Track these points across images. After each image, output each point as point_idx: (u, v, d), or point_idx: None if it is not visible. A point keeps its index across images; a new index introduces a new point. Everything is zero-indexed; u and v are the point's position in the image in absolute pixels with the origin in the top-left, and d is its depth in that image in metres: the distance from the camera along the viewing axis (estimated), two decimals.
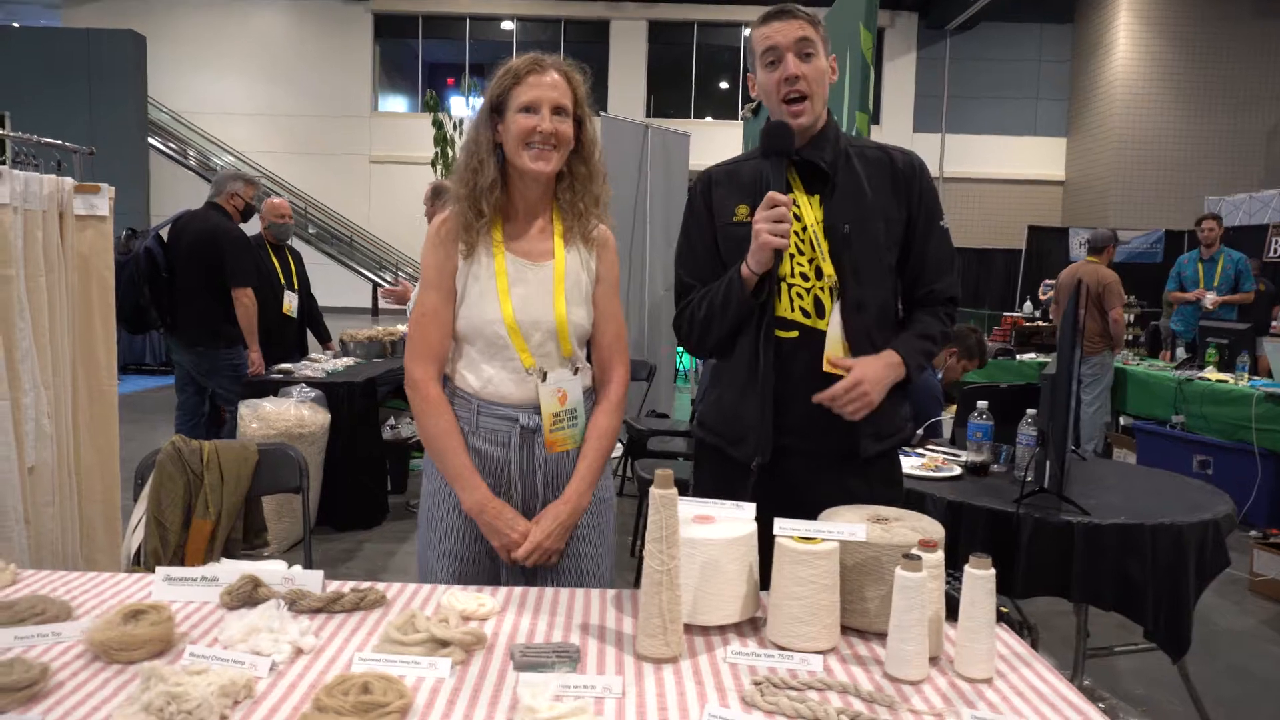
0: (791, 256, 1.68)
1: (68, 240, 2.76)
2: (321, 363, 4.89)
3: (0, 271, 2.42)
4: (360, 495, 4.53)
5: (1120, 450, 5.61)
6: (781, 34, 1.66)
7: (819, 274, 1.68)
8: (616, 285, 1.80)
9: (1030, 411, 2.43)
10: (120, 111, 14.76)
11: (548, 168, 1.64)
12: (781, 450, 1.69)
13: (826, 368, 1.66)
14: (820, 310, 1.68)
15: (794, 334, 1.69)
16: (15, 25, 18.08)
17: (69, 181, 2.76)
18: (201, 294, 4.45)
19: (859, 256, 1.68)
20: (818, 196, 1.69)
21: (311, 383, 4.36)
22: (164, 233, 4.55)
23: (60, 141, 2.99)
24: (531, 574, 1.70)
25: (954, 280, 1.77)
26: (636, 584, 3.95)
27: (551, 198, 1.74)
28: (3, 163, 2.75)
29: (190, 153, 19.44)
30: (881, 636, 1.36)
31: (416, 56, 20.86)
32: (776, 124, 1.66)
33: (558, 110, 1.63)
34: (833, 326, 1.67)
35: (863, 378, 1.61)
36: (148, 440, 6.43)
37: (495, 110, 1.67)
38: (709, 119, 20.26)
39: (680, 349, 9.22)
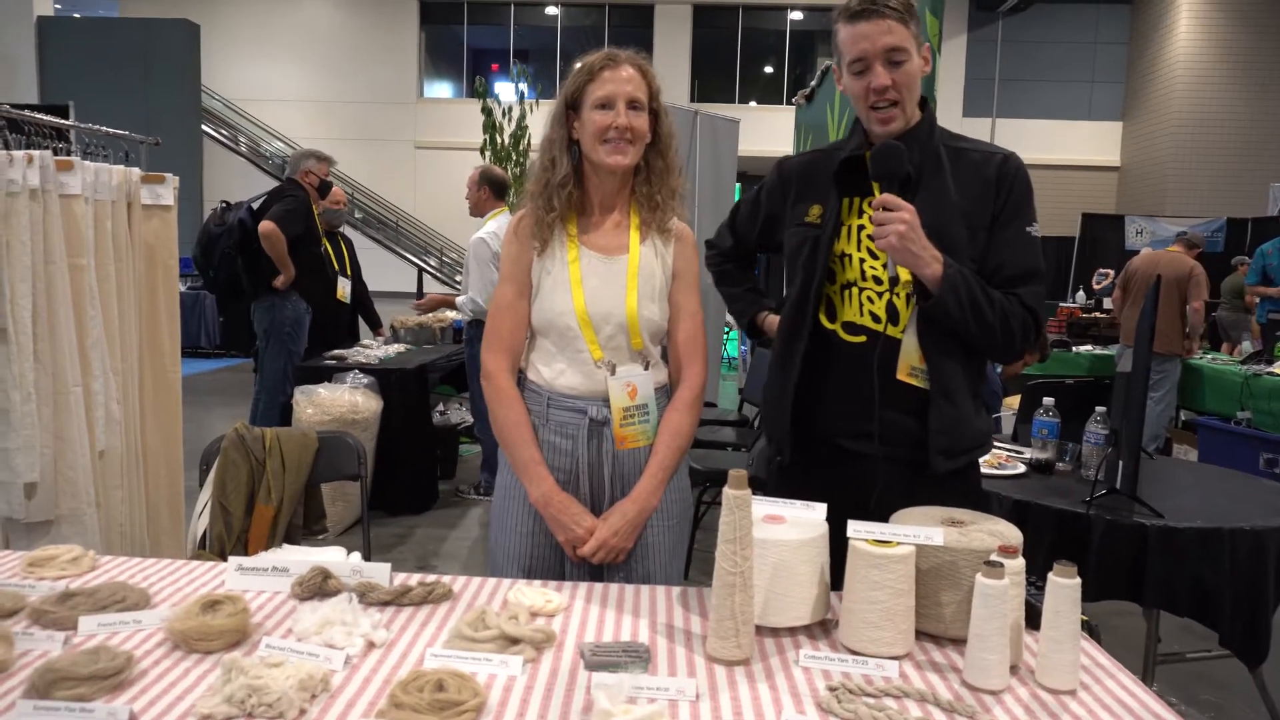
0: (863, 260, 1.63)
1: (135, 229, 2.82)
2: (373, 349, 4.95)
3: (73, 261, 2.48)
4: (411, 480, 4.59)
5: (1181, 446, 5.46)
6: (869, 40, 1.56)
7: (896, 280, 1.61)
8: (695, 282, 1.76)
9: (1099, 409, 2.37)
10: (175, 99, 15.09)
11: (625, 160, 1.63)
12: (853, 456, 1.65)
13: (901, 376, 1.61)
14: (894, 316, 1.62)
15: (861, 339, 1.65)
16: (76, 16, 18.52)
17: (136, 172, 2.81)
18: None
19: None
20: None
21: (364, 369, 4.42)
22: (256, 204, 4.74)
23: (126, 132, 3.05)
24: (597, 571, 1.69)
25: (1035, 290, 1.61)
26: (687, 574, 3.90)
27: (629, 192, 1.73)
28: (71, 153, 2.81)
29: (241, 139, 19.79)
30: (956, 642, 1.33)
31: (461, 43, 20.96)
32: (888, 148, 1.56)
33: (633, 104, 1.63)
34: (909, 335, 1.61)
35: (911, 220, 1.49)
36: (204, 422, 6.62)
37: (571, 107, 1.67)
38: (754, 104, 20.07)
39: (726, 337, 9.18)
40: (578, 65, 1.66)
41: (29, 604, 1.36)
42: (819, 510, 1.44)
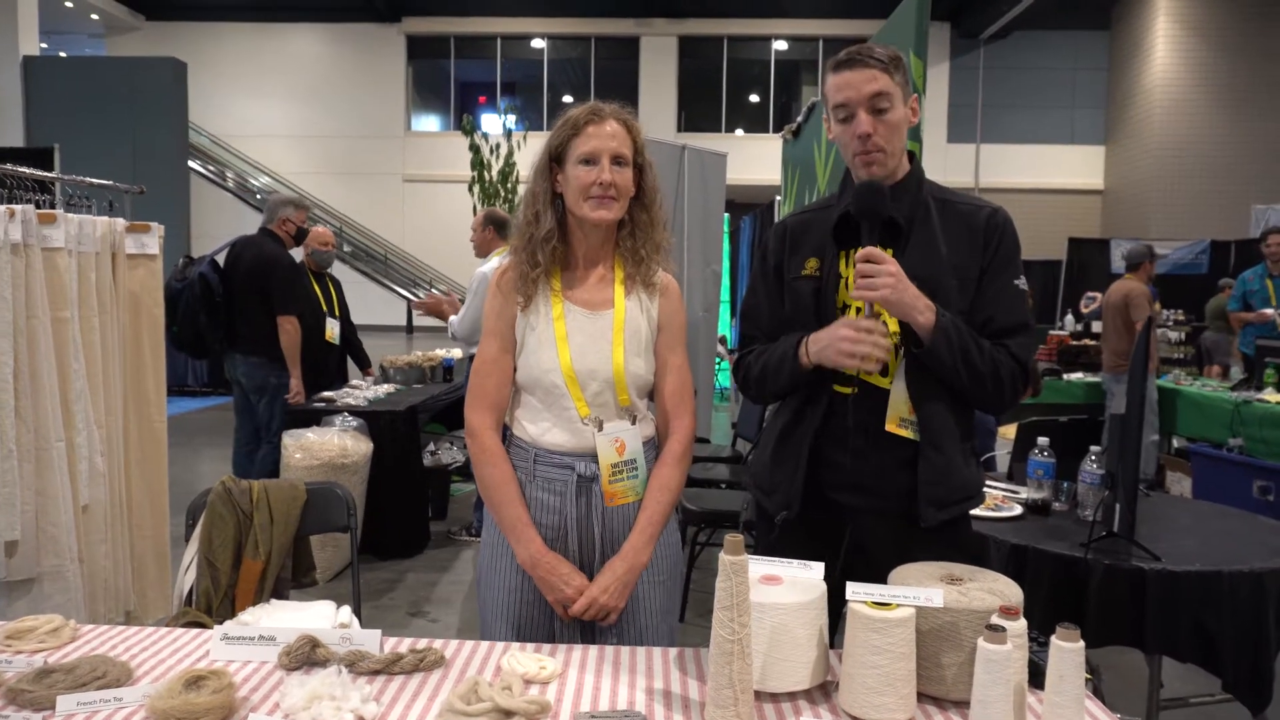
0: (858, 310, 1.62)
1: (119, 279, 2.79)
2: (362, 390, 4.92)
3: (56, 314, 2.45)
4: (402, 523, 4.53)
5: (1175, 473, 5.46)
6: (853, 88, 1.59)
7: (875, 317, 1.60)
8: (681, 335, 1.75)
9: (1094, 449, 2.36)
10: (162, 137, 15.06)
11: (609, 215, 1.63)
12: (840, 509, 1.65)
13: (889, 427, 1.60)
14: (884, 368, 1.61)
15: (851, 389, 1.64)
16: (63, 55, 18.57)
17: (120, 222, 2.79)
18: (258, 314, 4.50)
19: None
20: (890, 250, 1.61)
21: (354, 411, 4.38)
22: (220, 258, 4.64)
23: (109, 182, 3.03)
24: (590, 631, 1.66)
25: (1024, 342, 1.61)
26: (682, 616, 3.83)
27: (613, 246, 1.72)
28: (55, 204, 2.79)
29: (228, 175, 19.82)
30: (958, 704, 1.31)
31: (449, 76, 21.11)
32: (869, 185, 1.58)
33: (617, 160, 1.62)
34: (897, 385, 1.61)
35: (897, 272, 1.50)
36: (192, 463, 6.54)
37: (554, 160, 1.67)
38: (740, 132, 20.25)
39: (719, 367, 9.17)
40: (561, 119, 1.65)
41: (4, 682, 1.32)
42: (816, 569, 1.42)
